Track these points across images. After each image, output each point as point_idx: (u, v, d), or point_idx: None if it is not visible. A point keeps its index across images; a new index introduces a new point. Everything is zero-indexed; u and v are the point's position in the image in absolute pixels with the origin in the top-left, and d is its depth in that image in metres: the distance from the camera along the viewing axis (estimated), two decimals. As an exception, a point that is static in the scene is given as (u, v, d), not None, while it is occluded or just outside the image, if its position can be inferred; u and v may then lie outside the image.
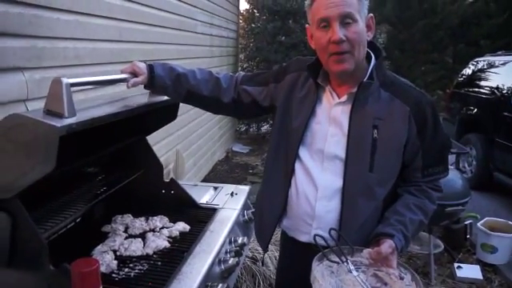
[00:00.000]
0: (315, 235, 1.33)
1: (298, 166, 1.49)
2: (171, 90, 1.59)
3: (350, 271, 1.23)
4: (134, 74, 1.52)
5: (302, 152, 1.48)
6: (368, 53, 1.43)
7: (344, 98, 1.42)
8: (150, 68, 1.54)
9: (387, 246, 1.27)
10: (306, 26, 1.46)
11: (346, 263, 1.25)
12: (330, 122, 1.44)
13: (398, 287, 1.21)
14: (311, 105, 1.47)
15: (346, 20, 1.30)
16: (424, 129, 1.40)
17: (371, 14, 1.38)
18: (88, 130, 1.22)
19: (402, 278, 1.24)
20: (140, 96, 1.66)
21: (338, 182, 1.42)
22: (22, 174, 1.15)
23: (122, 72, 1.52)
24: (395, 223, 1.36)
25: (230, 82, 1.65)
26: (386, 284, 1.23)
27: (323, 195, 1.44)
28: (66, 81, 1.18)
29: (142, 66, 1.54)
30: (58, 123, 1.11)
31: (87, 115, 1.23)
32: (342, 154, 1.41)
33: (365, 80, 1.38)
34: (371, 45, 1.44)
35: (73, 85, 1.22)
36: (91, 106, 1.39)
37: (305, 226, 1.49)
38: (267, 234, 1.61)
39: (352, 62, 1.34)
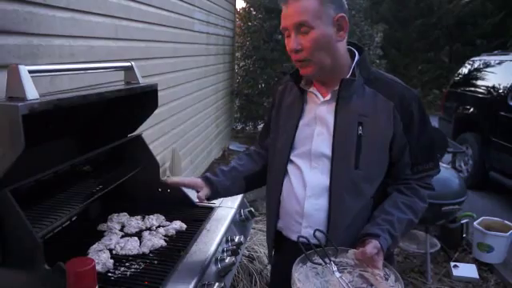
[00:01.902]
0: (299, 236, 1.33)
1: (290, 167, 1.53)
2: (233, 187, 1.65)
3: (333, 272, 1.23)
4: (194, 188, 1.58)
5: (293, 154, 1.51)
6: (352, 51, 1.46)
7: (328, 97, 1.45)
8: (206, 179, 1.60)
9: (372, 246, 1.27)
10: None
11: (329, 265, 1.25)
12: (317, 122, 1.47)
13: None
14: (298, 109, 1.51)
15: (302, 29, 1.33)
16: (410, 124, 1.40)
17: (341, 14, 1.34)
18: (82, 129, 1.21)
19: (387, 279, 1.24)
20: (115, 86, 1.70)
21: (325, 181, 1.43)
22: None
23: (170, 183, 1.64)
24: (382, 223, 1.36)
25: (260, 147, 1.75)
26: (371, 285, 1.22)
27: (312, 194, 1.46)
28: (23, 67, 1.18)
29: (195, 179, 1.60)
30: (20, 103, 1.10)
31: (53, 97, 1.24)
32: (328, 152, 1.42)
33: (346, 77, 1.39)
34: (352, 44, 1.48)
35: (32, 71, 1.21)
36: (61, 93, 1.40)
37: (295, 225, 1.51)
38: (269, 235, 1.66)
39: (313, 67, 1.38)
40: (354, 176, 1.40)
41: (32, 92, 1.17)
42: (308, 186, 1.46)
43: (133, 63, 1.85)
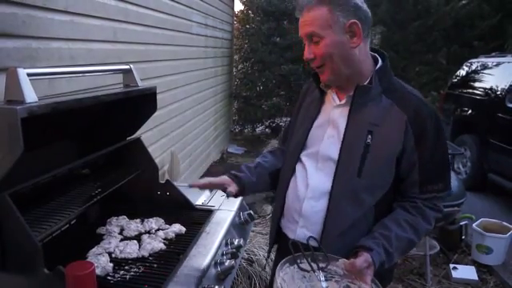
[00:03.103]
0: (291, 241, 1.31)
1: (298, 166, 1.53)
2: (259, 183, 1.64)
3: (320, 281, 1.21)
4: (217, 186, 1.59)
5: (304, 154, 1.52)
6: (376, 58, 1.45)
7: (343, 101, 1.45)
8: (233, 176, 1.59)
9: (363, 260, 1.24)
10: None
11: (316, 272, 1.23)
12: (329, 124, 1.47)
13: None
14: (315, 110, 1.53)
15: (313, 38, 1.36)
16: (422, 140, 1.35)
17: (353, 20, 1.32)
18: (81, 132, 1.21)
19: None
20: (114, 89, 1.70)
21: (327, 184, 1.42)
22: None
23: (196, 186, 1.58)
24: (379, 237, 1.32)
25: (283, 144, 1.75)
26: None
27: (312, 195, 1.45)
28: (21, 70, 1.19)
29: (223, 177, 1.59)
30: (18, 106, 1.10)
31: (52, 100, 1.24)
32: (335, 156, 1.41)
33: (363, 84, 1.39)
34: (377, 51, 1.48)
35: (30, 74, 1.21)
36: (60, 96, 1.41)
37: (292, 223, 1.52)
38: (272, 231, 1.67)
39: (329, 73, 1.40)
40: (354, 184, 1.37)
41: (31, 95, 1.17)
42: (309, 187, 1.46)
43: (131, 66, 1.84)
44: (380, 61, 1.44)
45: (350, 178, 1.37)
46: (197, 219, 1.86)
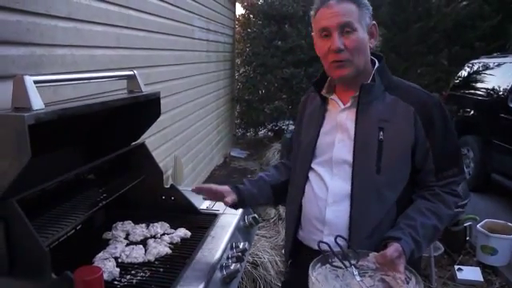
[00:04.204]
0: (319, 241, 1.32)
1: (311, 175, 1.52)
2: (260, 195, 1.66)
3: (354, 276, 1.21)
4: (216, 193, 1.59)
5: (315, 162, 1.51)
6: (372, 60, 1.48)
7: (348, 104, 1.45)
8: (234, 187, 1.62)
9: (393, 249, 1.24)
10: (312, 33, 1.49)
11: (349, 268, 1.23)
12: (337, 129, 1.47)
13: None
14: (319, 118, 1.52)
15: (346, 29, 1.35)
16: (432, 129, 1.38)
17: (374, 22, 1.41)
18: (86, 138, 1.22)
19: (408, 282, 1.21)
20: (118, 95, 1.73)
21: (346, 187, 1.42)
22: (2, 173, 1.15)
23: (196, 190, 1.62)
24: (404, 227, 1.33)
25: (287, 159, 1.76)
26: None
27: (333, 201, 1.44)
28: (28, 77, 1.20)
29: (224, 187, 1.61)
30: (25, 114, 1.12)
31: (58, 107, 1.26)
32: (350, 158, 1.41)
33: (366, 82, 1.40)
34: (372, 53, 1.49)
35: (36, 82, 1.23)
36: (66, 103, 1.44)
37: (316, 233, 1.48)
38: (287, 245, 1.65)
39: (352, 68, 1.39)
40: (375, 181, 1.38)
41: (37, 102, 1.18)
42: (329, 192, 1.45)
43: (135, 72, 1.86)
44: (377, 62, 1.48)
45: (370, 176, 1.38)
46: (202, 223, 1.87)
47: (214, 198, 1.62)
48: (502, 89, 5.24)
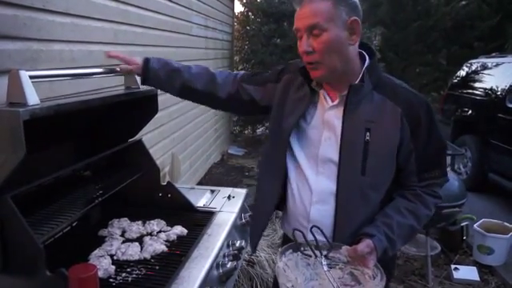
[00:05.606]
0: (294, 229, 1.32)
1: (295, 170, 1.51)
2: (165, 84, 1.69)
3: (322, 266, 1.23)
4: (126, 62, 1.69)
5: (299, 156, 1.49)
6: (362, 55, 1.43)
7: (336, 101, 1.43)
8: (146, 60, 1.65)
9: (365, 245, 1.27)
10: None
11: (319, 258, 1.25)
12: (324, 126, 1.45)
13: (369, 287, 1.21)
14: (303, 108, 1.47)
15: (314, 31, 1.32)
16: (417, 130, 1.38)
17: (354, 18, 1.32)
18: (82, 134, 1.21)
19: (374, 278, 1.24)
20: (115, 91, 1.73)
21: (332, 186, 1.42)
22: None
23: (110, 55, 1.71)
24: (380, 224, 1.35)
25: (227, 79, 1.69)
26: (359, 283, 1.22)
27: (318, 199, 1.45)
28: (24, 72, 1.18)
29: (138, 58, 1.67)
30: (21, 109, 1.10)
31: (54, 103, 1.25)
32: (336, 157, 1.41)
33: (356, 82, 1.38)
34: (365, 46, 1.45)
35: (32, 77, 1.21)
36: (61, 98, 1.42)
37: (301, 229, 1.46)
38: (255, 236, 1.66)
39: (324, 70, 1.36)
40: (360, 182, 1.38)
41: (33, 97, 1.17)
42: (314, 191, 1.45)
43: (133, 68, 1.84)
44: (367, 58, 1.43)
45: (355, 177, 1.38)
46: (198, 221, 1.86)
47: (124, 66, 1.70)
48: (500, 89, 5.24)
